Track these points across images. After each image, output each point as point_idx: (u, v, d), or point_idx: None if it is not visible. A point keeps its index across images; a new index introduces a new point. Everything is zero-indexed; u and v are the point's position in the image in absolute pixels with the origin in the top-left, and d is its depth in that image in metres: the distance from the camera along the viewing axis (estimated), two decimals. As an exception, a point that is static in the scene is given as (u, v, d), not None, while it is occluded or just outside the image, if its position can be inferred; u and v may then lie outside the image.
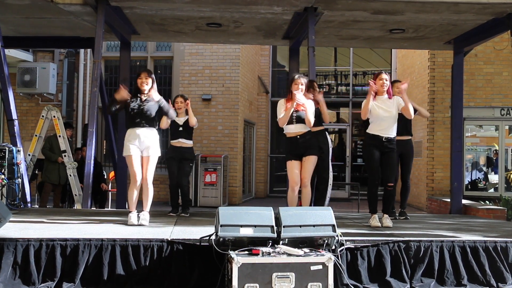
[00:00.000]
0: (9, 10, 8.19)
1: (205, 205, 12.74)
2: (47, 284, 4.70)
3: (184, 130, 7.52)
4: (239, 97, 14.14)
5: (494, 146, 13.21)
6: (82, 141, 13.83)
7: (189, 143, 7.60)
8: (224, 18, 8.47)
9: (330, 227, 4.95)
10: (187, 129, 7.54)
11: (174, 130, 7.54)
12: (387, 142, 6.47)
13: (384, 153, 6.49)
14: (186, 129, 7.54)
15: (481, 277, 5.18)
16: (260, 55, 16.96)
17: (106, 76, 14.48)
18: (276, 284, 4.56)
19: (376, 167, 6.55)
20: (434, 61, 12.90)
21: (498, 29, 8.34)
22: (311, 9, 7.70)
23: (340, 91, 18.06)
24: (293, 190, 6.43)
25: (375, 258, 5.15)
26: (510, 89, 12.64)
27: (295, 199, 6.49)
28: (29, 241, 4.79)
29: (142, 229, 5.73)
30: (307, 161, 6.43)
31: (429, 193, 12.86)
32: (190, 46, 14.04)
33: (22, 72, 13.42)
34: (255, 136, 16.63)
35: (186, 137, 7.55)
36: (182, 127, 7.52)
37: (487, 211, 9.06)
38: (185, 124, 7.52)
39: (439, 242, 5.28)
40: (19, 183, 8.13)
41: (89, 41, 9.53)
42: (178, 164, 7.61)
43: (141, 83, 6.33)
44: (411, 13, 7.92)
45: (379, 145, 6.48)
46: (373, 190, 6.64)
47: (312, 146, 6.48)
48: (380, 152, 6.50)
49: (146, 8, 7.99)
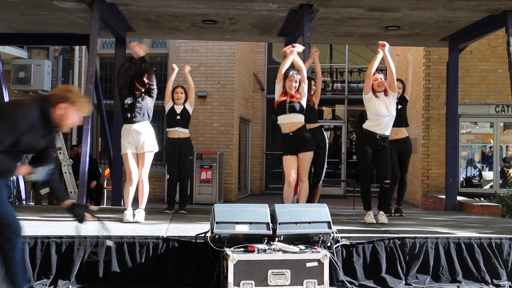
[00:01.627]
0: (4, 7, 8.15)
1: (201, 202, 12.73)
2: (42, 281, 4.70)
3: (182, 118, 7.58)
4: (235, 94, 14.13)
5: (490, 143, 13.25)
6: (77, 138, 13.80)
7: (186, 131, 7.63)
8: (219, 15, 8.46)
9: (326, 224, 4.97)
10: (185, 117, 7.61)
11: (171, 118, 7.58)
12: (381, 140, 6.48)
13: (377, 150, 6.51)
14: (184, 118, 7.60)
15: (476, 273, 5.20)
16: (255, 52, 16.95)
17: (101, 73, 14.44)
18: (271, 281, 4.56)
19: (368, 164, 6.58)
20: (429, 58, 12.92)
21: (493, 26, 8.35)
22: (307, 6, 7.69)
23: (336, 88, 18.06)
24: (289, 185, 6.44)
25: (371, 255, 5.16)
26: (505, 86, 12.63)
27: (291, 195, 6.50)
28: (24, 238, 4.77)
29: (137, 226, 5.73)
30: (303, 157, 6.44)
31: (424, 190, 12.89)
32: (186, 43, 14.02)
33: (16, 69, 13.36)
34: (250, 133, 16.62)
35: (183, 126, 7.59)
36: (179, 115, 7.57)
37: (482, 208, 9.10)
38: (183, 113, 7.59)
39: (434, 238, 5.30)
40: (13, 180, 8.11)
41: (84, 38, 9.50)
42: (177, 158, 7.61)
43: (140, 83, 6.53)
44: (407, 10, 7.93)
45: (373, 142, 6.49)
46: (365, 186, 6.67)
47: (308, 142, 6.46)
48: (373, 149, 6.51)
49: (141, 5, 7.97)
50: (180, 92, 7.65)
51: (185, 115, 7.62)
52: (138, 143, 6.36)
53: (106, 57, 14.49)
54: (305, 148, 6.44)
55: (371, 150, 6.51)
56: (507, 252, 5.32)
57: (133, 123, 6.39)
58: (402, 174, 7.62)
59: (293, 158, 6.43)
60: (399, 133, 7.42)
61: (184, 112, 7.62)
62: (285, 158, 6.49)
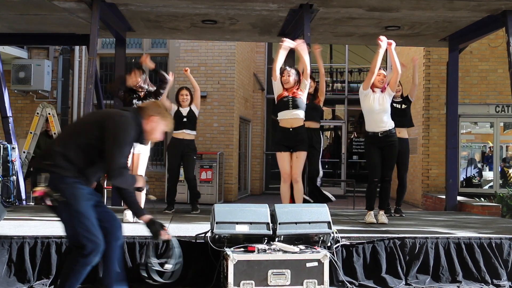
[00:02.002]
0: (4, 7, 8.15)
1: (201, 202, 12.62)
2: (42, 281, 4.69)
3: (188, 121, 7.52)
4: (235, 94, 14.13)
5: (489, 144, 13.25)
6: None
7: (193, 133, 7.61)
8: (219, 15, 8.46)
9: (326, 224, 4.97)
10: (191, 119, 7.55)
11: (178, 120, 7.45)
12: (384, 137, 6.48)
13: (384, 148, 6.52)
14: (190, 120, 7.54)
15: (476, 273, 5.20)
16: (255, 52, 16.94)
17: (101, 73, 14.44)
18: (271, 281, 4.56)
19: (375, 165, 6.56)
20: (430, 58, 12.92)
21: (493, 26, 8.35)
22: (307, 6, 7.69)
23: (336, 88, 18.07)
24: (285, 181, 6.48)
25: (371, 255, 5.16)
26: (505, 86, 12.64)
27: (287, 192, 6.50)
28: (24, 238, 4.78)
29: (137, 226, 5.71)
30: (297, 157, 6.44)
31: (424, 190, 12.89)
32: (186, 43, 14.01)
33: (16, 69, 13.36)
34: (250, 133, 16.62)
35: (190, 128, 7.55)
36: (186, 117, 7.51)
37: (482, 208, 9.10)
38: (189, 115, 7.54)
39: (434, 238, 5.30)
40: (14, 180, 8.11)
41: (84, 38, 9.49)
42: (180, 159, 7.57)
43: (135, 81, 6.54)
44: (406, 10, 7.93)
45: (377, 142, 6.50)
46: (371, 187, 6.66)
47: (303, 141, 6.47)
48: (379, 148, 6.52)
49: (141, 5, 7.97)
50: (185, 94, 7.60)
51: (192, 117, 7.57)
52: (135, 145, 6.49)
53: (106, 57, 14.49)
54: (301, 147, 6.44)
55: (378, 150, 6.52)
56: (507, 252, 5.32)
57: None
58: (401, 175, 7.62)
59: (287, 154, 6.43)
60: (401, 132, 7.43)
61: (191, 114, 7.57)
62: (279, 154, 6.49)
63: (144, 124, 3.77)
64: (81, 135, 3.66)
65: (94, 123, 3.70)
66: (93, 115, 4.45)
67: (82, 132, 3.68)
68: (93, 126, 3.67)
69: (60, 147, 3.62)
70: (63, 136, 3.84)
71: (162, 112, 3.85)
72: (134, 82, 6.44)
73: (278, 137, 6.60)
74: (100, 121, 3.67)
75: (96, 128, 3.63)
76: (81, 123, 4.19)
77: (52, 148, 3.68)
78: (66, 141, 3.65)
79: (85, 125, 3.81)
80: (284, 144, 6.45)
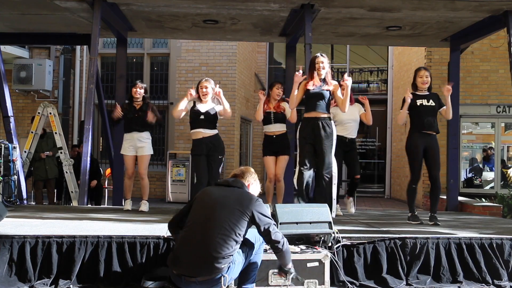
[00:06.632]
0: (5, 6, 8.16)
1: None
2: (43, 281, 4.69)
3: (206, 119, 6.69)
4: (236, 94, 14.13)
5: (490, 144, 13.24)
6: (78, 138, 13.80)
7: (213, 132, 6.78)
8: (221, 15, 8.46)
9: (327, 224, 4.96)
10: (209, 118, 6.72)
11: (194, 118, 6.74)
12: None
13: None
14: (208, 118, 6.71)
15: (477, 273, 5.19)
16: (256, 52, 16.94)
17: (103, 72, 14.45)
18: (272, 281, 4.56)
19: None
20: (431, 58, 12.91)
21: (495, 26, 8.35)
22: (308, 6, 7.70)
23: (337, 88, 18.03)
24: (270, 181, 7.38)
25: (371, 255, 5.16)
26: (506, 86, 12.65)
27: (271, 189, 7.45)
28: (25, 238, 4.77)
29: (138, 226, 5.73)
30: (281, 160, 7.24)
31: (425, 190, 12.87)
32: (187, 43, 14.02)
33: (18, 68, 13.38)
34: (251, 133, 16.62)
35: (208, 127, 6.72)
36: (204, 115, 6.69)
37: (483, 208, 9.08)
38: (208, 113, 6.71)
39: (435, 239, 5.29)
40: (15, 180, 8.12)
41: (85, 38, 9.51)
42: (206, 159, 6.73)
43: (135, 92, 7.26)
44: (408, 10, 7.93)
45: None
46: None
47: (286, 147, 7.30)
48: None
49: (142, 4, 7.98)
50: (205, 87, 6.73)
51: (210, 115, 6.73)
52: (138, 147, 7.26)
53: (107, 56, 14.50)
54: (283, 152, 7.24)
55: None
56: (508, 252, 5.31)
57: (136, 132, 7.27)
58: (433, 174, 7.12)
59: (272, 158, 7.28)
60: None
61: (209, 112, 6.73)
62: (266, 158, 7.33)
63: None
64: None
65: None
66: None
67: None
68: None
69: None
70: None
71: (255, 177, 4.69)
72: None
73: (264, 143, 7.39)
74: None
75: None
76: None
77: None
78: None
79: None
80: (269, 149, 7.28)
